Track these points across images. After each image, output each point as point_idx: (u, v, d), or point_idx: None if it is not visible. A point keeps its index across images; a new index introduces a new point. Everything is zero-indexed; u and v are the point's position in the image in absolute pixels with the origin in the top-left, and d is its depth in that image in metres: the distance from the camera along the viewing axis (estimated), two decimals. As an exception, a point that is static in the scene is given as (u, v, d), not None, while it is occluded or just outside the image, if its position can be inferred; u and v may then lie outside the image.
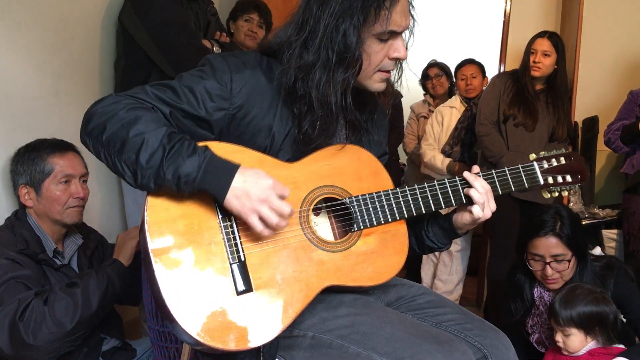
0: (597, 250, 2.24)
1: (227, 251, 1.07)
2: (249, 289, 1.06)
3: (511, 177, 1.29)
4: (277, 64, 1.19)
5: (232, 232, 1.08)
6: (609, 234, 3.09)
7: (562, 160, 1.34)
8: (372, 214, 1.21)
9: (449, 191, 1.25)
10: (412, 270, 3.59)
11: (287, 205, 1.05)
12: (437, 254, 3.43)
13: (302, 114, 1.17)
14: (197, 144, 1.05)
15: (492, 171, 1.28)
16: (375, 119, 1.34)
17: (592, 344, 1.74)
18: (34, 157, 1.66)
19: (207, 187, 1.03)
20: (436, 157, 3.25)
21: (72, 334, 1.46)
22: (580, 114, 3.35)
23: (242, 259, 1.07)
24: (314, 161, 1.20)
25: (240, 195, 1.03)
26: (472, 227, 1.29)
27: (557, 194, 1.35)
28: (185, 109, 1.12)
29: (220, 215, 1.09)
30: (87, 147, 1.10)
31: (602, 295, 1.76)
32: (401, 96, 3.51)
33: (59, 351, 1.47)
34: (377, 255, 1.20)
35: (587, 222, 3.08)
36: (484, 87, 3.24)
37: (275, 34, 1.21)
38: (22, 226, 1.62)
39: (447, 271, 3.38)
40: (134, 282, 1.69)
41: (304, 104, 1.16)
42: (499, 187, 1.27)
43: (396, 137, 3.58)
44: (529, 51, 2.82)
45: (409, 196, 1.23)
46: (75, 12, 2.14)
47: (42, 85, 2.00)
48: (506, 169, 1.29)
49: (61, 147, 1.71)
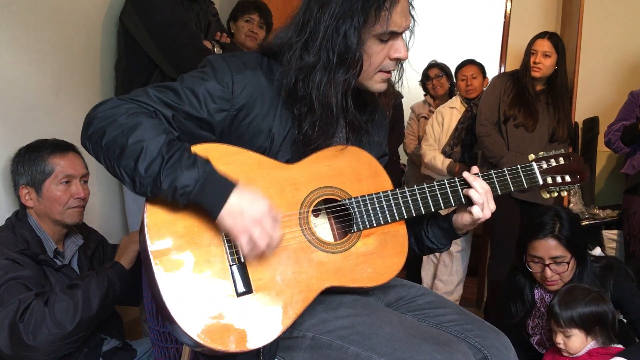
0: (597, 250, 2.23)
1: (226, 253, 1.07)
2: (248, 290, 1.06)
3: (510, 178, 1.28)
4: (278, 65, 1.19)
5: (230, 236, 1.07)
6: (610, 235, 3.08)
7: (561, 160, 1.34)
8: (372, 214, 1.20)
9: (449, 192, 1.24)
10: (413, 270, 3.59)
11: (279, 231, 1.04)
12: (437, 254, 3.43)
13: (302, 115, 1.17)
14: (198, 154, 1.04)
15: (491, 172, 1.28)
16: (375, 120, 1.34)
17: (592, 344, 1.75)
18: (34, 157, 1.66)
19: (203, 200, 1.02)
20: (436, 158, 3.25)
21: (72, 335, 1.46)
22: (580, 114, 3.35)
23: (242, 260, 1.07)
24: (313, 162, 1.20)
25: (234, 213, 1.01)
26: (471, 227, 1.29)
27: (556, 194, 1.35)
28: (187, 111, 1.12)
29: (220, 216, 1.08)
30: (87, 150, 1.10)
31: (600, 294, 1.77)
32: (402, 97, 3.51)
33: (58, 352, 1.47)
34: (377, 256, 1.20)
35: (587, 223, 3.07)
36: (485, 88, 3.24)
37: (275, 35, 1.21)
38: (22, 226, 1.62)
39: (447, 272, 3.37)
40: (134, 283, 1.69)
41: (304, 105, 1.16)
42: (498, 187, 1.27)
43: (397, 137, 3.58)
44: (529, 52, 2.81)
45: (408, 197, 1.23)
46: (75, 12, 2.14)
47: (43, 85, 2.00)
48: (505, 169, 1.29)
49: (62, 147, 1.71)
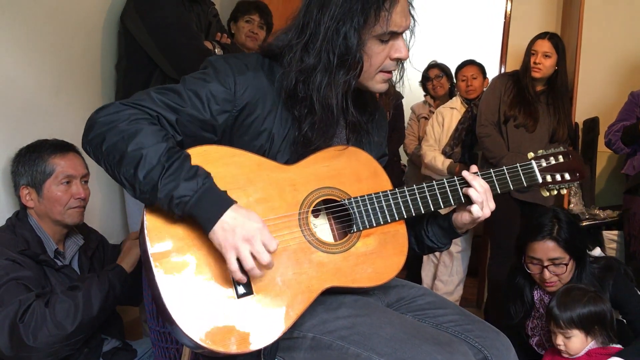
0: (597, 251, 2.23)
1: (227, 254, 1.07)
2: (249, 292, 1.06)
3: (510, 176, 1.28)
4: (278, 66, 1.19)
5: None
6: (610, 235, 3.08)
7: (561, 158, 1.34)
8: (372, 214, 1.20)
9: (448, 191, 1.24)
10: (413, 271, 3.59)
11: (268, 255, 1.01)
12: (437, 255, 3.43)
13: (302, 117, 1.17)
14: (200, 167, 1.04)
15: (490, 170, 1.27)
16: (375, 120, 1.34)
17: (592, 344, 1.75)
18: (34, 157, 1.66)
19: (198, 213, 1.01)
20: (437, 158, 3.25)
21: (73, 336, 1.46)
22: (580, 115, 3.35)
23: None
24: (312, 163, 1.20)
25: (226, 229, 1.00)
26: (471, 226, 1.29)
27: (555, 192, 1.35)
28: (190, 113, 1.12)
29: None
30: (88, 154, 1.10)
31: (597, 294, 1.77)
32: (402, 97, 3.51)
33: (58, 353, 1.47)
34: (377, 256, 1.20)
35: (587, 223, 3.07)
36: (485, 88, 3.24)
37: (276, 37, 1.21)
38: (23, 227, 1.62)
39: (447, 272, 3.37)
40: (135, 285, 1.69)
41: (304, 107, 1.16)
42: (497, 186, 1.27)
43: (397, 138, 3.58)
44: (529, 52, 2.81)
45: (407, 197, 1.23)
46: (76, 13, 2.14)
47: (43, 85, 2.00)
48: (504, 167, 1.28)
49: (62, 147, 1.71)
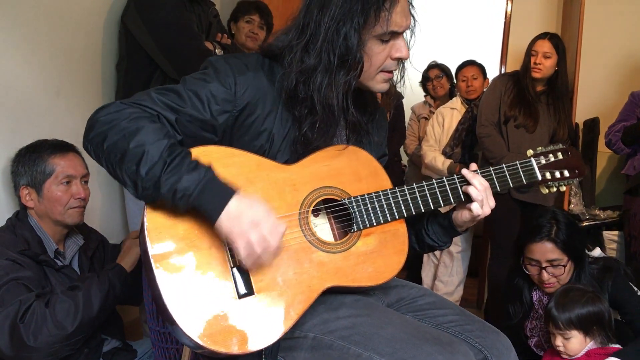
0: (597, 251, 2.23)
1: (227, 255, 1.07)
2: (250, 292, 1.06)
3: (509, 174, 1.28)
4: (278, 67, 1.19)
5: (228, 242, 1.07)
6: (610, 236, 3.08)
7: (560, 155, 1.34)
8: (372, 214, 1.20)
9: (448, 189, 1.24)
10: (413, 271, 3.59)
11: (277, 238, 1.02)
12: (437, 255, 3.43)
13: (302, 117, 1.17)
14: (201, 160, 1.04)
15: (490, 168, 1.28)
16: (375, 120, 1.35)
17: (591, 345, 1.75)
18: (34, 158, 1.66)
19: (202, 205, 1.01)
20: (437, 159, 3.25)
21: (73, 336, 1.46)
22: (581, 115, 3.35)
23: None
24: (312, 162, 1.20)
25: (232, 217, 1.00)
26: (471, 224, 1.29)
27: (555, 189, 1.35)
28: (190, 113, 1.12)
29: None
30: (89, 154, 1.10)
31: (595, 294, 1.77)
32: (402, 97, 3.52)
33: (58, 353, 1.47)
34: (378, 255, 1.20)
35: (587, 224, 3.08)
36: (485, 89, 3.24)
37: (276, 37, 1.21)
38: (23, 227, 1.62)
39: (447, 272, 3.37)
40: (135, 284, 1.69)
41: (304, 107, 1.16)
42: (497, 183, 1.27)
43: (398, 138, 3.58)
44: (529, 53, 2.81)
45: (407, 195, 1.23)
46: (76, 13, 2.14)
47: (43, 85, 2.00)
48: (504, 165, 1.28)
49: (62, 147, 1.71)
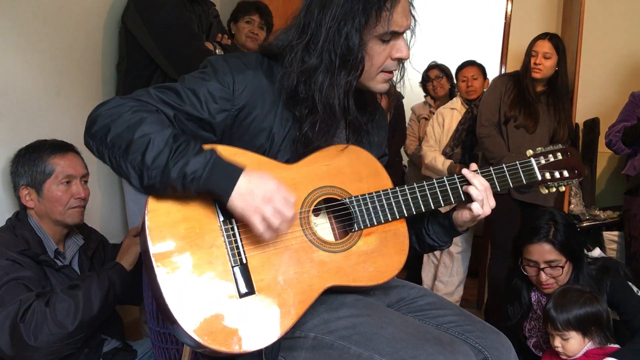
0: (597, 251, 2.23)
1: (228, 254, 1.07)
2: (251, 291, 1.06)
3: (509, 174, 1.29)
4: (278, 66, 1.19)
5: (234, 235, 1.08)
6: (610, 236, 3.08)
7: (559, 155, 1.34)
8: (372, 213, 1.21)
9: (448, 189, 1.25)
10: (413, 271, 3.59)
11: (291, 209, 1.05)
12: (437, 255, 3.43)
13: (303, 117, 1.17)
14: (203, 146, 1.05)
15: (490, 168, 1.28)
16: (375, 120, 1.35)
17: (589, 345, 1.75)
18: (34, 158, 1.66)
19: (212, 186, 1.03)
20: (437, 159, 3.25)
21: (73, 335, 1.46)
22: (581, 115, 3.35)
23: (244, 261, 1.07)
24: (313, 162, 1.21)
25: (244, 194, 1.02)
26: (472, 224, 1.29)
27: (554, 189, 1.35)
28: (188, 111, 1.12)
29: (221, 218, 1.08)
30: (91, 149, 1.10)
31: (593, 294, 1.77)
32: (402, 97, 3.52)
33: (59, 353, 1.47)
34: (378, 254, 1.20)
35: (588, 224, 3.07)
36: (485, 89, 3.24)
37: (276, 37, 1.21)
38: (23, 227, 1.62)
39: (447, 273, 3.37)
40: (135, 282, 1.69)
41: (305, 107, 1.17)
42: (497, 183, 1.27)
43: (399, 138, 3.58)
44: (529, 53, 2.81)
45: (408, 195, 1.23)
46: (77, 13, 2.14)
47: (43, 86, 2.00)
48: (504, 165, 1.29)
49: (61, 147, 1.71)
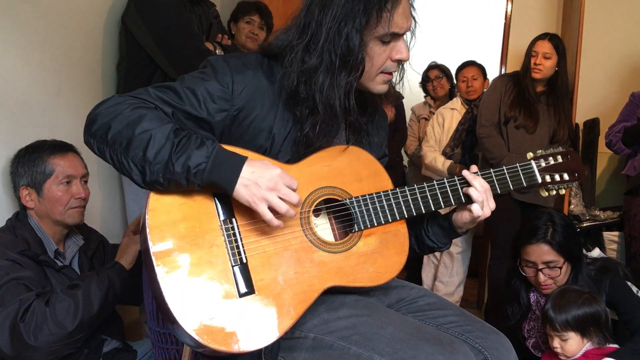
0: (596, 252, 2.23)
1: (228, 253, 1.07)
2: (250, 291, 1.06)
3: (509, 176, 1.29)
4: (278, 66, 1.19)
5: (234, 234, 1.08)
6: (610, 236, 3.08)
7: (560, 158, 1.34)
8: (373, 214, 1.21)
9: (448, 191, 1.25)
10: (413, 272, 3.59)
11: (296, 194, 1.06)
12: (437, 255, 3.43)
13: (303, 117, 1.17)
14: (204, 138, 1.06)
15: (491, 170, 1.28)
16: (375, 121, 1.35)
17: (588, 345, 1.75)
18: (34, 158, 1.66)
19: (216, 178, 1.03)
20: (437, 159, 3.25)
21: (73, 335, 1.46)
22: (581, 116, 3.35)
23: (244, 261, 1.07)
24: (313, 162, 1.21)
25: (249, 184, 1.03)
26: (471, 226, 1.29)
27: (554, 192, 1.36)
28: (187, 110, 1.12)
29: (221, 217, 1.09)
30: (92, 148, 1.10)
31: (591, 295, 1.77)
32: (402, 97, 3.51)
33: (59, 353, 1.47)
34: (378, 255, 1.21)
35: (588, 224, 3.07)
36: (485, 89, 3.24)
37: (276, 37, 1.21)
38: (23, 227, 1.62)
39: (447, 273, 3.37)
40: (135, 282, 1.69)
41: (306, 107, 1.17)
42: (497, 186, 1.27)
43: (400, 138, 3.58)
44: (529, 53, 2.81)
45: (408, 196, 1.23)
46: (77, 13, 2.14)
47: (43, 86, 2.00)
48: (504, 167, 1.29)
49: (61, 148, 1.71)
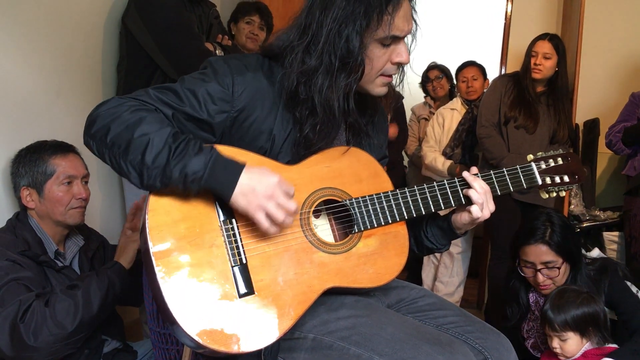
0: (596, 252, 2.23)
1: (228, 254, 1.07)
2: (250, 291, 1.06)
3: (509, 178, 1.29)
4: (279, 67, 1.19)
5: (234, 235, 1.08)
6: (610, 237, 3.08)
7: (560, 160, 1.35)
8: (372, 215, 1.21)
9: (448, 192, 1.25)
10: (413, 272, 3.59)
11: (293, 202, 1.06)
12: (438, 256, 3.43)
13: (303, 118, 1.17)
14: (203, 144, 1.06)
15: (491, 172, 1.28)
16: (375, 123, 1.35)
17: (587, 346, 1.75)
18: (35, 158, 1.66)
19: (214, 184, 1.03)
20: (437, 159, 3.25)
21: (73, 335, 1.46)
22: (581, 116, 3.35)
23: (244, 261, 1.07)
24: (313, 163, 1.21)
25: (246, 192, 1.03)
26: (470, 227, 1.29)
27: (554, 194, 1.36)
28: (187, 112, 1.12)
29: (221, 217, 1.09)
30: (91, 149, 1.10)
31: (590, 295, 1.77)
32: (402, 97, 3.52)
33: (59, 353, 1.47)
34: (378, 256, 1.21)
35: (588, 225, 3.07)
36: (485, 90, 3.24)
37: (277, 37, 1.22)
38: (23, 228, 1.63)
39: (448, 273, 3.37)
40: (134, 283, 1.69)
41: (305, 108, 1.17)
42: (497, 187, 1.27)
43: (402, 138, 3.58)
44: (529, 53, 2.81)
45: (408, 197, 1.23)
46: (77, 13, 2.14)
47: (43, 86, 2.00)
48: (504, 169, 1.29)
49: (62, 148, 1.71)
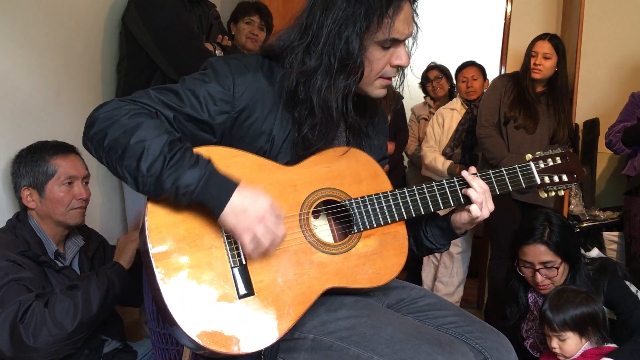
0: (595, 252, 2.23)
1: (228, 255, 1.07)
2: (250, 292, 1.06)
3: (508, 177, 1.29)
4: (279, 67, 1.20)
5: (233, 236, 1.08)
6: (610, 237, 3.08)
7: (558, 159, 1.35)
8: (372, 215, 1.21)
9: (447, 192, 1.25)
10: (413, 272, 3.59)
11: (282, 227, 1.06)
12: (437, 256, 3.43)
13: (302, 118, 1.17)
14: (201, 154, 1.05)
15: (489, 171, 1.28)
16: (375, 123, 1.35)
17: (586, 345, 1.75)
18: (36, 158, 1.67)
19: (205, 200, 1.02)
20: (437, 159, 3.25)
21: (73, 336, 1.46)
22: (581, 116, 3.35)
23: (243, 262, 1.08)
24: (313, 164, 1.21)
25: (237, 212, 1.02)
26: (470, 227, 1.29)
27: (553, 193, 1.36)
28: (188, 113, 1.12)
29: (221, 218, 1.09)
30: (89, 151, 1.10)
31: (589, 294, 1.77)
32: (402, 97, 3.52)
33: (59, 353, 1.47)
34: (378, 256, 1.21)
35: (587, 225, 3.08)
36: (485, 90, 3.24)
37: (277, 37, 1.22)
38: (23, 228, 1.63)
39: (447, 273, 3.37)
40: (134, 283, 1.69)
41: (304, 109, 1.17)
42: (496, 187, 1.28)
43: (403, 138, 3.59)
44: (529, 53, 2.81)
45: (407, 198, 1.23)
46: (76, 13, 2.14)
47: (43, 86, 2.00)
48: (503, 169, 1.29)
49: (63, 148, 1.71)
